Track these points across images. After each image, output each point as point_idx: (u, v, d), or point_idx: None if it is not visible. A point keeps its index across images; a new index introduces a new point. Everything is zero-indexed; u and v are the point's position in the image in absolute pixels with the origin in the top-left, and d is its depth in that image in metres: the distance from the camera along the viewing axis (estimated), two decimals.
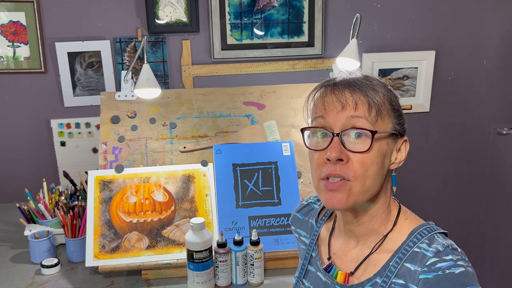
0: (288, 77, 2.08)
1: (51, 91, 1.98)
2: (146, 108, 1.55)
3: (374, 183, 0.78)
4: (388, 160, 0.80)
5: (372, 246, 0.82)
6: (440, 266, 0.71)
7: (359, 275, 0.82)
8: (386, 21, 2.10)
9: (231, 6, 1.98)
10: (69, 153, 2.01)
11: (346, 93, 0.77)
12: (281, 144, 1.50)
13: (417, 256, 0.75)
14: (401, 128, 0.81)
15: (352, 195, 0.77)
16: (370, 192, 0.78)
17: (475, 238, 2.44)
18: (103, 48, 1.95)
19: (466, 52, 2.18)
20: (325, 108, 0.78)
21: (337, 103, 0.77)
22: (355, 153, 0.76)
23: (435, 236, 0.78)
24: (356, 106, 0.76)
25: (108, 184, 1.41)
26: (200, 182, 1.44)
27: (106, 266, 1.31)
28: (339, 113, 0.77)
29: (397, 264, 0.77)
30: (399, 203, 0.86)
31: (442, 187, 2.34)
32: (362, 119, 0.76)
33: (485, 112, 2.27)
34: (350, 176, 0.76)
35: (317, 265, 0.91)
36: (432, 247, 0.74)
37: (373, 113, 0.76)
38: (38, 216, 1.59)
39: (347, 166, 0.76)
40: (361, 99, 0.76)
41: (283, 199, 1.42)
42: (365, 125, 0.76)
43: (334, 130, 0.77)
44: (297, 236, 1.01)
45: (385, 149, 0.78)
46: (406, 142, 0.83)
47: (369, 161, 0.76)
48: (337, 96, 0.78)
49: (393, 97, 0.81)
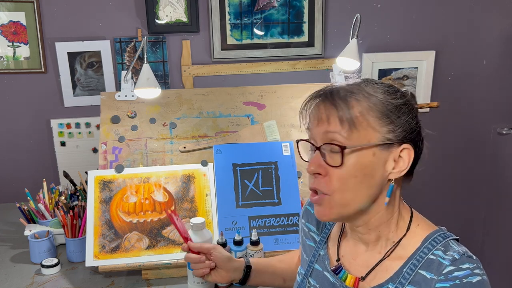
0: (288, 77, 2.08)
1: (51, 91, 1.98)
2: (146, 108, 1.55)
3: (357, 195, 0.76)
4: (380, 171, 0.76)
5: (382, 251, 0.82)
6: (458, 275, 0.71)
7: (369, 280, 0.81)
8: (386, 21, 2.10)
9: (231, 6, 1.98)
10: (69, 153, 2.01)
11: (321, 107, 0.78)
12: (281, 144, 1.50)
13: (432, 264, 0.74)
14: (395, 136, 0.76)
15: (334, 208, 0.77)
16: (354, 204, 0.77)
17: (475, 238, 2.44)
18: (103, 48, 1.95)
19: (466, 52, 2.18)
20: (310, 121, 0.80)
21: (316, 117, 0.78)
22: (332, 167, 0.76)
23: (449, 243, 0.77)
24: (328, 121, 0.76)
25: (108, 184, 1.41)
26: (200, 182, 1.44)
27: (106, 266, 1.31)
28: (317, 127, 0.78)
29: (411, 271, 0.76)
30: (411, 208, 0.85)
31: (442, 187, 2.34)
32: (336, 134, 0.75)
33: (485, 112, 2.27)
34: (325, 190, 0.77)
35: (324, 264, 0.90)
36: (448, 255, 0.74)
37: (346, 127, 0.75)
38: (38, 216, 1.59)
39: (325, 180, 0.77)
40: (332, 113, 0.76)
41: (283, 199, 1.42)
42: (339, 140, 0.75)
43: (317, 143, 0.78)
44: (306, 231, 0.99)
45: (369, 161, 0.75)
46: (407, 150, 0.78)
47: (346, 175, 0.75)
48: (315, 109, 0.79)
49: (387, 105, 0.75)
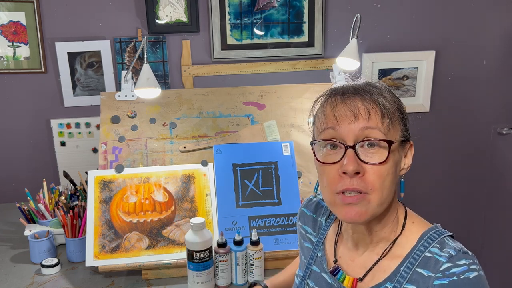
0: (288, 77, 2.08)
1: (51, 91, 1.98)
2: (146, 108, 1.55)
3: (390, 193, 0.76)
4: (399, 167, 0.78)
5: (380, 252, 0.81)
6: (455, 271, 0.71)
7: (368, 281, 0.81)
8: (386, 21, 2.10)
9: (231, 6, 1.98)
10: (69, 153, 2.01)
11: (357, 101, 0.75)
12: (281, 144, 1.50)
13: (429, 261, 0.74)
14: (408, 134, 0.80)
15: (371, 208, 0.74)
16: (387, 203, 0.76)
17: (475, 238, 2.44)
18: (103, 48, 1.95)
19: (466, 52, 2.18)
20: (337, 118, 0.75)
21: (349, 113, 0.74)
22: (372, 165, 0.73)
23: (445, 239, 0.77)
24: (369, 116, 0.73)
25: (108, 184, 1.41)
26: (200, 182, 1.44)
27: (106, 266, 1.31)
28: (351, 124, 0.74)
29: (409, 269, 0.75)
30: (405, 207, 0.85)
31: (442, 187, 2.34)
32: (375, 129, 0.73)
33: (485, 112, 2.27)
34: (368, 189, 0.73)
35: (322, 265, 0.89)
36: (444, 252, 0.74)
37: (386, 122, 0.74)
38: (38, 216, 1.59)
39: (363, 179, 0.73)
40: (373, 108, 0.74)
41: (283, 199, 1.42)
42: (379, 136, 0.73)
43: (347, 142, 0.74)
44: (303, 233, 0.98)
45: (397, 157, 0.77)
46: (412, 147, 0.82)
47: (386, 172, 0.74)
48: (348, 105, 0.75)
49: (401, 103, 0.79)
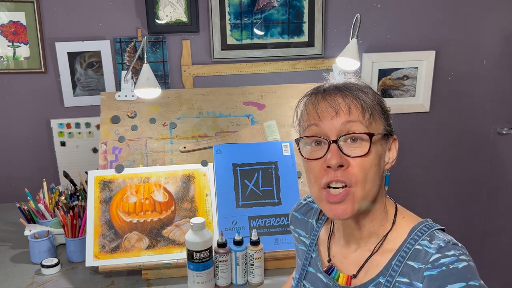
0: (288, 77, 2.08)
1: (51, 91, 1.98)
2: (146, 108, 1.55)
3: (374, 185, 0.78)
4: (383, 161, 0.80)
5: (372, 248, 0.82)
6: (444, 261, 0.71)
7: (362, 277, 0.82)
8: (386, 21, 2.10)
9: (231, 6, 1.98)
10: (69, 153, 2.01)
11: (338, 98, 0.77)
12: (281, 144, 1.50)
13: (419, 254, 0.75)
14: (390, 129, 0.82)
15: (356, 202, 0.77)
16: (371, 195, 0.78)
17: (475, 238, 2.44)
18: (103, 48, 1.95)
19: (466, 52, 2.18)
20: (319, 115, 0.78)
21: (330, 109, 0.77)
22: (355, 158, 0.75)
23: (434, 232, 0.78)
24: (349, 110, 0.76)
25: (108, 184, 1.41)
26: (200, 182, 1.44)
27: (106, 266, 1.31)
28: (333, 119, 0.76)
29: (400, 263, 0.77)
30: (395, 202, 0.86)
31: (442, 187, 2.34)
32: (357, 123, 0.76)
33: (485, 112, 2.27)
34: (352, 181, 0.76)
35: (317, 266, 0.90)
36: (434, 244, 0.75)
37: (367, 115, 0.76)
38: (38, 216, 1.59)
39: (347, 171, 0.76)
40: (353, 102, 0.77)
41: (283, 199, 1.42)
42: (361, 129, 0.76)
43: (330, 137, 0.77)
44: (297, 236, 1.00)
45: (380, 150, 0.79)
46: (395, 141, 0.84)
47: (369, 164, 0.76)
48: (329, 102, 0.77)
49: (381, 99, 0.82)
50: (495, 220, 2.38)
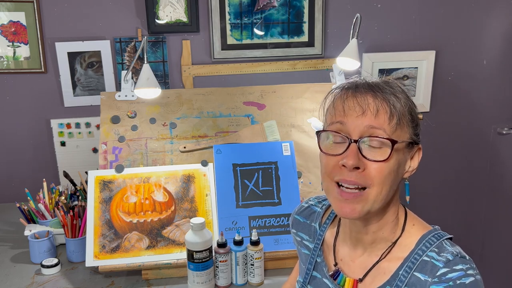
0: (288, 77, 2.08)
1: (51, 91, 1.98)
2: (146, 108, 1.55)
3: (390, 192, 0.77)
4: (402, 168, 0.79)
5: (380, 253, 0.81)
6: (451, 276, 0.71)
7: (368, 283, 0.81)
8: (386, 21, 2.10)
9: (231, 6, 1.98)
10: (69, 153, 2.01)
11: (369, 97, 0.75)
12: (281, 144, 1.50)
13: (426, 266, 0.74)
14: (417, 138, 0.80)
15: (366, 204, 0.75)
16: (383, 200, 0.77)
17: (475, 238, 2.44)
18: (103, 48, 1.95)
19: (466, 52, 2.18)
20: (345, 112, 0.76)
21: (358, 107, 0.75)
22: (373, 162, 0.74)
23: (443, 243, 0.77)
24: (377, 113, 0.74)
25: (108, 184, 1.41)
26: (200, 182, 1.44)
27: (106, 266, 1.31)
28: (358, 118, 0.74)
29: (407, 273, 0.76)
30: (405, 208, 0.85)
31: (442, 187, 2.34)
32: (380, 130, 0.74)
33: (485, 112, 2.27)
34: (367, 183, 0.74)
35: (323, 271, 0.89)
36: (442, 256, 0.74)
37: (394, 121, 0.74)
38: (38, 216, 1.59)
39: (363, 174, 0.74)
40: (383, 105, 0.74)
41: (283, 199, 1.42)
42: (384, 135, 0.74)
43: (352, 136, 0.75)
44: (299, 240, 0.98)
45: (401, 158, 0.77)
46: (420, 151, 0.81)
47: (387, 170, 0.74)
48: (358, 100, 0.75)
49: (413, 106, 0.79)
50: (495, 220, 2.38)
